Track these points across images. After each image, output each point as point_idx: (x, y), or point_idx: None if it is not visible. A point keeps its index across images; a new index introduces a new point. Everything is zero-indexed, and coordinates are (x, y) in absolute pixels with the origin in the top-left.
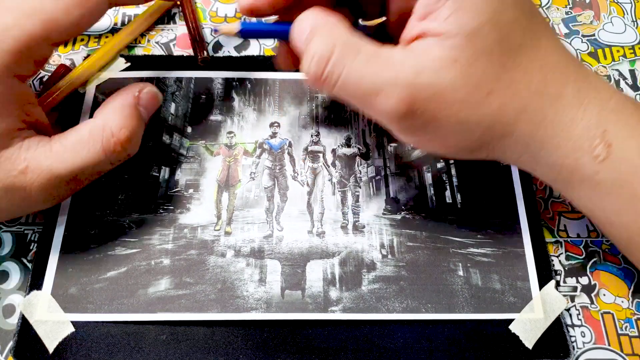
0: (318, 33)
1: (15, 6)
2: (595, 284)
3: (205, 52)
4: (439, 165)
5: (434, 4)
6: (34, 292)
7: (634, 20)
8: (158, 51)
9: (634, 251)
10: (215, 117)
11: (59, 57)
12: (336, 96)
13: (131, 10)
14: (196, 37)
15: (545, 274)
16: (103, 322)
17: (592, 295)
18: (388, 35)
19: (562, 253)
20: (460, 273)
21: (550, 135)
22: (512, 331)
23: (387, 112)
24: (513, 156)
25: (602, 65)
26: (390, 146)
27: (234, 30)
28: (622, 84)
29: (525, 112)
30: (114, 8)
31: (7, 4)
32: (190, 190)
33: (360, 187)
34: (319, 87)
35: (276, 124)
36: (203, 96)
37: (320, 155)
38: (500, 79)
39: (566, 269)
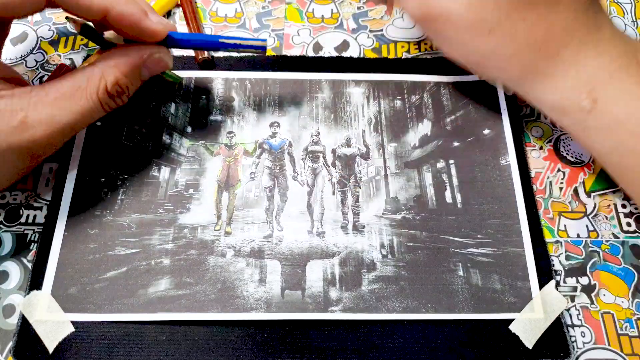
0: None
1: None
2: (595, 284)
3: (205, 52)
4: (439, 165)
5: None
6: (34, 292)
7: (634, 20)
8: None
9: (627, 182)
10: (215, 117)
11: (59, 57)
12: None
13: None
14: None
15: (545, 274)
16: (103, 322)
17: (592, 295)
18: None
19: (562, 253)
20: (460, 273)
21: (540, 83)
22: (512, 331)
23: (409, 12)
24: (511, 82)
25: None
26: (390, 146)
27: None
28: None
29: (518, 59)
30: None
31: None
32: (190, 190)
33: (360, 187)
34: None
35: (276, 124)
36: (203, 96)
37: (320, 155)
38: (502, 24)
39: (566, 269)
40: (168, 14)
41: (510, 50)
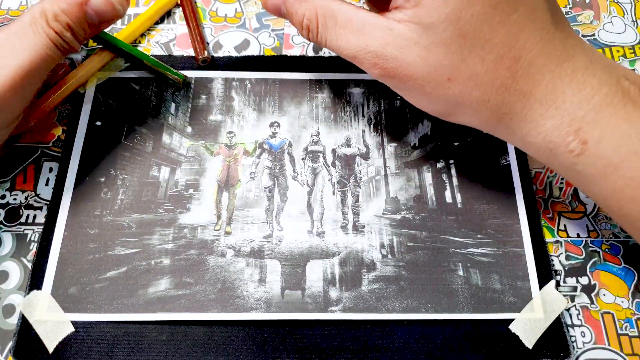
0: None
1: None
2: (595, 284)
3: (205, 52)
4: (439, 165)
5: None
6: (34, 292)
7: (634, 20)
8: (158, 51)
9: (631, 229)
10: (215, 117)
11: None
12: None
13: (131, 10)
14: (196, 37)
15: (545, 274)
16: (103, 322)
17: (592, 295)
18: None
19: (562, 253)
20: (460, 273)
21: (517, 125)
22: (512, 331)
23: (367, 71)
24: (487, 127)
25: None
26: (390, 146)
27: None
28: None
29: (487, 103)
30: None
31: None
32: (190, 190)
33: (360, 187)
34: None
35: (276, 124)
36: (203, 96)
37: (320, 155)
38: (459, 69)
39: (566, 269)
40: (168, 14)
41: (475, 95)
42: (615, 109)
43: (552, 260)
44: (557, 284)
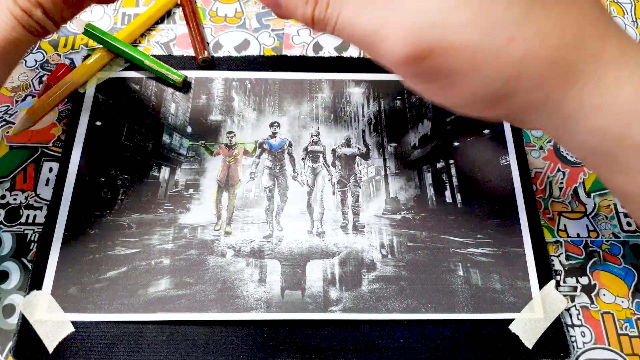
0: None
1: None
2: (595, 284)
3: (205, 52)
4: (439, 165)
5: None
6: (34, 292)
7: (634, 20)
8: (158, 51)
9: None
10: (215, 117)
11: (59, 56)
12: (339, 37)
13: (131, 10)
14: (196, 37)
15: (545, 274)
16: (103, 322)
17: (592, 295)
18: None
19: (562, 253)
20: (460, 273)
21: (590, 94)
22: (512, 331)
23: (390, 55)
24: (539, 118)
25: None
26: (390, 146)
27: None
28: None
29: (557, 65)
30: (113, 8)
31: None
32: (190, 190)
33: (360, 187)
34: (321, 30)
35: (276, 124)
36: (203, 96)
37: (320, 155)
38: (524, 24)
39: (566, 269)
40: (168, 14)
41: (542, 56)
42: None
43: (552, 260)
44: (557, 284)
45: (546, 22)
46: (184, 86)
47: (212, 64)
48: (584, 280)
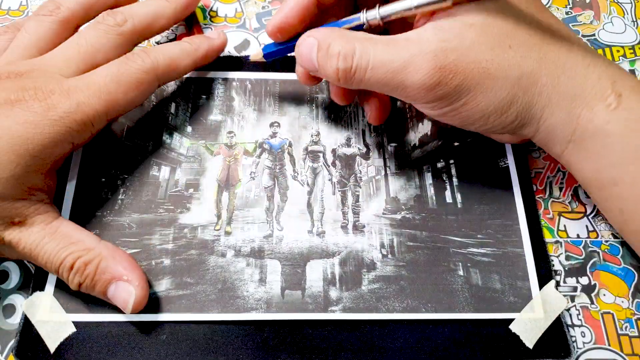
0: (331, 39)
1: (86, 87)
2: (595, 284)
3: None
4: (439, 165)
5: None
6: (37, 293)
7: (634, 20)
8: None
9: (633, 213)
10: (215, 117)
11: None
12: (366, 86)
13: None
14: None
15: (545, 274)
16: (104, 322)
17: (592, 295)
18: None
19: (562, 253)
20: (460, 273)
21: (569, 83)
22: (513, 331)
23: (419, 84)
24: (537, 113)
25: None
26: (390, 146)
27: (260, 55)
28: None
29: (545, 60)
30: None
31: (80, 85)
32: (190, 190)
33: (360, 187)
34: (348, 82)
35: (276, 124)
36: (203, 96)
37: (320, 155)
38: (516, 35)
39: (566, 269)
40: None
41: (534, 56)
42: (632, 74)
43: (552, 260)
44: (557, 284)
45: (529, 31)
46: (187, 86)
47: (212, 63)
48: (584, 280)
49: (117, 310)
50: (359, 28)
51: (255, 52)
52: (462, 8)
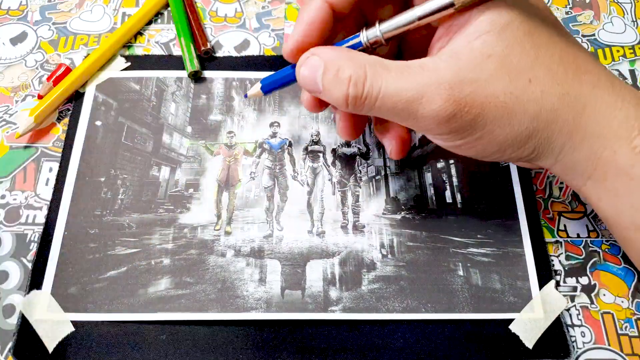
0: (340, 61)
1: None
2: (595, 284)
3: (207, 44)
4: (439, 165)
5: (461, 15)
6: (34, 292)
7: (634, 20)
8: (158, 51)
9: None
10: (215, 117)
11: (59, 56)
12: (375, 114)
13: (131, 10)
14: (198, 29)
15: (545, 274)
16: (103, 321)
17: (592, 295)
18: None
19: (562, 253)
20: (460, 273)
21: (593, 121)
22: (512, 331)
23: (433, 115)
24: (556, 149)
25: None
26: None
27: (258, 89)
28: None
29: (567, 97)
30: (113, 8)
31: None
32: (190, 190)
33: (360, 187)
34: (357, 109)
35: (276, 124)
36: (203, 96)
37: (320, 155)
38: (537, 67)
39: (566, 269)
40: (168, 14)
41: (557, 91)
42: None
43: (552, 260)
44: (557, 284)
45: (551, 63)
46: (193, 77)
47: (212, 63)
48: (584, 280)
49: (116, 309)
50: (357, 46)
51: (253, 89)
52: (481, 37)
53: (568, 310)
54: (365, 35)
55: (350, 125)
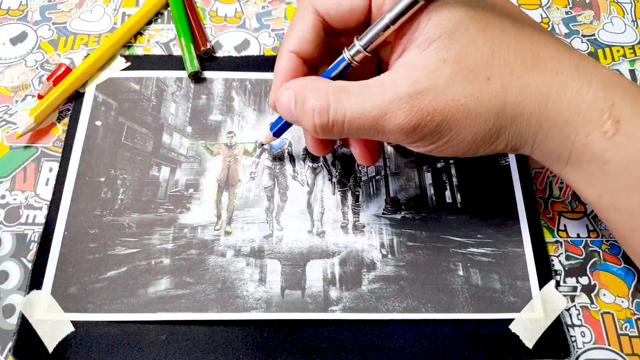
0: (305, 92)
1: None
2: (595, 284)
3: (207, 44)
4: (439, 165)
5: (409, 27)
6: (34, 292)
7: (634, 20)
8: (158, 51)
9: (635, 239)
10: (215, 117)
11: (59, 56)
12: (347, 136)
13: (131, 10)
14: (198, 29)
15: (545, 274)
16: (103, 321)
17: (592, 295)
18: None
19: (562, 253)
20: (460, 273)
21: (559, 108)
22: (512, 331)
23: (399, 129)
24: (529, 140)
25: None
26: (390, 146)
27: (270, 135)
28: None
29: (529, 88)
30: (113, 8)
31: None
32: (190, 190)
33: (360, 187)
34: (330, 135)
35: None
36: (203, 96)
37: None
38: (493, 64)
39: (566, 269)
40: (168, 14)
41: (517, 84)
42: (635, 91)
43: (552, 260)
44: (557, 284)
45: (508, 54)
46: (194, 78)
47: (212, 64)
48: (584, 280)
49: (116, 309)
50: (348, 67)
51: (264, 135)
52: (433, 44)
53: (568, 310)
54: (349, 54)
55: (319, 143)
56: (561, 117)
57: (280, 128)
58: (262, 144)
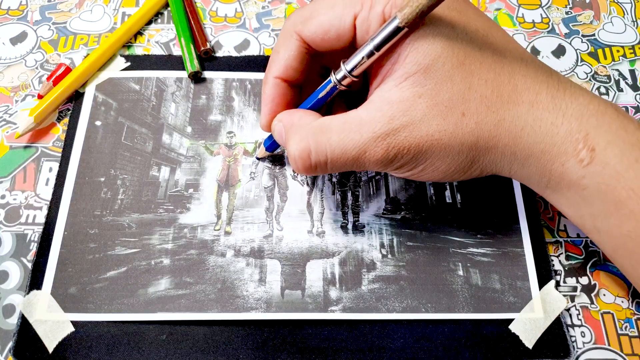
0: (289, 134)
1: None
2: (595, 284)
3: (207, 44)
4: None
5: (389, 58)
6: (34, 292)
7: (634, 20)
8: (158, 51)
9: (619, 258)
10: (215, 117)
11: (59, 56)
12: (332, 172)
13: (131, 10)
14: (198, 29)
15: (545, 274)
16: (103, 321)
17: (592, 295)
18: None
19: (562, 253)
20: (460, 273)
21: (534, 141)
22: (512, 331)
23: (378, 163)
24: (505, 168)
25: (602, 65)
26: None
27: (264, 150)
28: (622, 84)
29: (504, 122)
30: (113, 8)
31: None
32: (190, 190)
33: (360, 187)
34: (313, 174)
35: None
36: (203, 96)
37: None
38: (469, 99)
39: (566, 269)
40: (168, 13)
41: (492, 119)
42: (611, 117)
43: (552, 260)
44: (557, 284)
45: (485, 89)
46: (193, 78)
47: (212, 64)
48: (584, 280)
49: (116, 309)
50: (335, 90)
51: (259, 151)
52: (409, 79)
53: (568, 310)
54: (335, 78)
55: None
56: (537, 148)
57: (272, 144)
58: (258, 159)
